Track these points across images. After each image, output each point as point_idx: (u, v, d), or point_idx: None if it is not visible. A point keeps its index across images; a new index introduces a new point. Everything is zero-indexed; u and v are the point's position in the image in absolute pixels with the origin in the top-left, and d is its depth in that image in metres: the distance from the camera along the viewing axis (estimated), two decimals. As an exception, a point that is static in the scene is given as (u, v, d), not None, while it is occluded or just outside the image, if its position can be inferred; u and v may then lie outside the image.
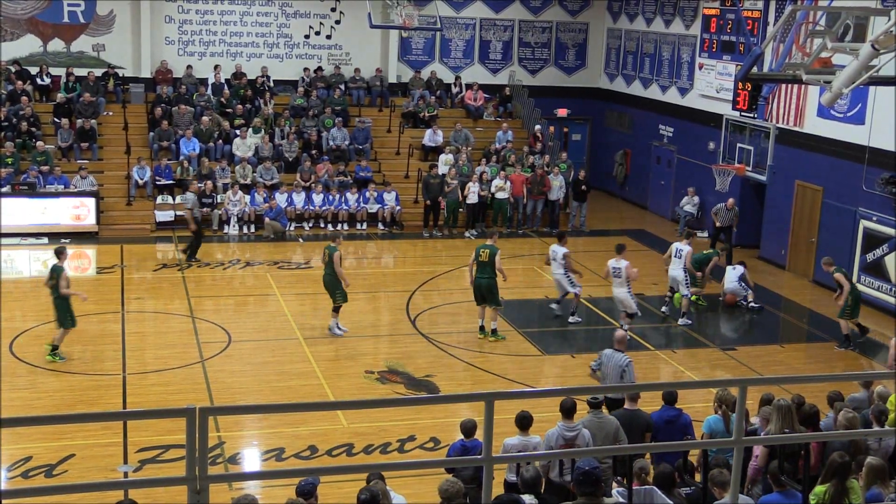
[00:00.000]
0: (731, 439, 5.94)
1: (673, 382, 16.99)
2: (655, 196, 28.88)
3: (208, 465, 5.39)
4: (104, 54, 27.72)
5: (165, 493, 10.23)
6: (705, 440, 10.47)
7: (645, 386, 14.79)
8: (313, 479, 8.78)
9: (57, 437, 12.70)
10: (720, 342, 18.35)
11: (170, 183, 24.81)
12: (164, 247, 23.24)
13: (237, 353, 16.54)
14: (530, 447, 10.06)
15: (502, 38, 30.98)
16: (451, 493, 8.45)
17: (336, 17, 29.23)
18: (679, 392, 11.37)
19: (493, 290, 17.33)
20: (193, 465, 5.23)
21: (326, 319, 17.56)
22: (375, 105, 29.08)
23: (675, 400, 11.03)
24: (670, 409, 10.93)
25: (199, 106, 26.94)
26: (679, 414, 10.92)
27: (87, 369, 15.55)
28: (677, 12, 27.82)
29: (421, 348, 17.12)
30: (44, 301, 18.85)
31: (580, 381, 15.83)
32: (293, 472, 10.96)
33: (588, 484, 6.87)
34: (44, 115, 26.01)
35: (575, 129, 31.91)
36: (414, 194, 26.25)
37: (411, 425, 13.70)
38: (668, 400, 11.04)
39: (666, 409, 10.95)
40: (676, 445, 10.07)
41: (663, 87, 28.59)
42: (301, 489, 8.64)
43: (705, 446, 9.66)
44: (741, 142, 24.21)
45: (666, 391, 11.10)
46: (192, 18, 28.36)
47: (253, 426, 13.74)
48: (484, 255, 17.21)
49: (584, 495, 7.03)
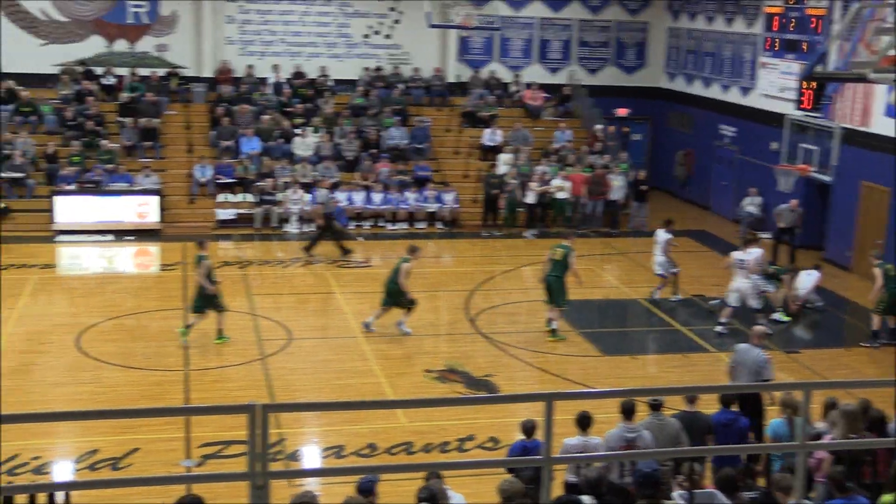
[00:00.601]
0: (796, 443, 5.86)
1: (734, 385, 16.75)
2: (717, 196, 28.57)
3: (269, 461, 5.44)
4: (167, 54, 28.13)
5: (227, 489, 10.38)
6: (768, 444, 10.33)
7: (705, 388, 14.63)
8: (373, 476, 8.82)
9: (122, 431, 12.91)
10: (783, 345, 18.09)
11: (231, 181, 25.10)
12: (226, 245, 23.50)
13: (297, 351, 16.67)
14: (590, 448, 10.01)
15: (561, 37, 30.85)
16: (511, 492, 8.42)
17: (395, 16, 29.34)
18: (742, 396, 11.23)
19: (556, 289, 17.24)
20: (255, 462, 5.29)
21: (385, 318, 17.61)
22: (434, 104, 29.13)
23: (733, 402, 10.88)
24: (727, 413, 10.77)
25: (260, 105, 27.20)
26: (736, 417, 10.74)
27: (150, 365, 15.78)
28: (739, 10, 27.48)
29: (480, 348, 17.11)
30: (107, 297, 19.24)
31: (640, 382, 15.73)
32: (353, 469, 11.04)
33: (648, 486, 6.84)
34: (108, 114, 26.46)
35: (635, 128, 31.67)
36: (473, 194, 26.25)
37: (470, 425, 13.70)
38: (725, 402, 10.89)
39: (723, 413, 10.80)
40: (740, 449, 9.96)
41: (725, 86, 28.27)
42: (361, 487, 8.67)
43: (768, 450, 9.55)
44: (805, 142, 23.83)
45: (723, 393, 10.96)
46: (252, 18, 28.64)
47: (313, 423, 13.84)
48: (557, 253, 17.13)
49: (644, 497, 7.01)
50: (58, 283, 20.62)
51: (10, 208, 23.57)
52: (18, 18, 27.15)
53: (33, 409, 13.84)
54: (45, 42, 27.39)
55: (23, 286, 19.43)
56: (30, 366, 15.69)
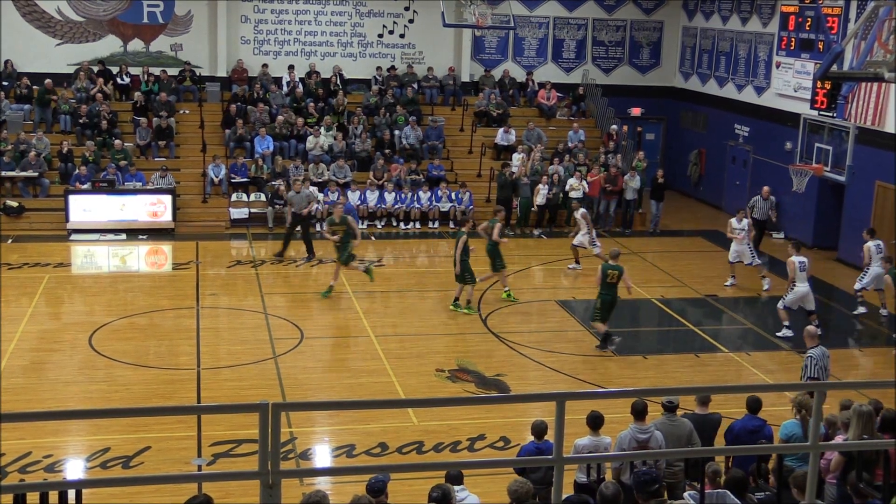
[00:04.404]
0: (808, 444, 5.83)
1: (748, 385, 16.68)
2: (730, 196, 28.46)
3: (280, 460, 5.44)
4: (182, 54, 28.21)
5: (238, 487, 10.40)
6: (780, 444, 10.27)
7: (718, 389, 14.59)
8: (384, 476, 8.81)
9: (134, 429, 12.95)
10: (795, 345, 17.99)
11: (244, 181, 25.15)
12: (239, 244, 23.54)
13: (309, 350, 16.70)
14: (601, 448, 9.99)
15: (576, 36, 30.80)
16: (521, 493, 8.42)
17: (409, 16, 29.35)
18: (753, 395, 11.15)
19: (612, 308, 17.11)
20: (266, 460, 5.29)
21: (397, 317, 17.63)
22: (448, 104, 29.13)
23: (759, 408, 10.71)
24: (754, 419, 10.57)
25: (274, 105, 27.25)
26: (763, 425, 10.52)
27: (162, 363, 15.82)
28: (754, 10, 27.38)
29: (492, 347, 17.09)
30: (120, 295, 19.30)
31: (651, 382, 15.68)
32: (364, 468, 11.03)
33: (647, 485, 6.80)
34: (123, 113, 26.56)
35: (649, 128, 31.59)
36: (486, 193, 26.23)
37: (481, 424, 13.68)
38: (752, 408, 10.70)
39: (749, 419, 10.59)
40: (751, 449, 9.90)
41: (739, 85, 28.17)
42: (371, 486, 8.66)
43: (780, 451, 9.47)
44: (819, 141, 23.70)
45: (750, 399, 10.78)
46: (267, 18, 28.70)
47: (324, 422, 13.85)
48: (612, 275, 16.88)
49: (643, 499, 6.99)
50: (71, 282, 20.70)
51: (25, 207, 23.69)
52: (34, 18, 27.27)
53: (46, 406, 13.92)
54: (61, 41, 27.51)
55: (37, 285, 19.51)
56: (43, 364, 15.75)
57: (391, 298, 19.87)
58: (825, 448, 8.65)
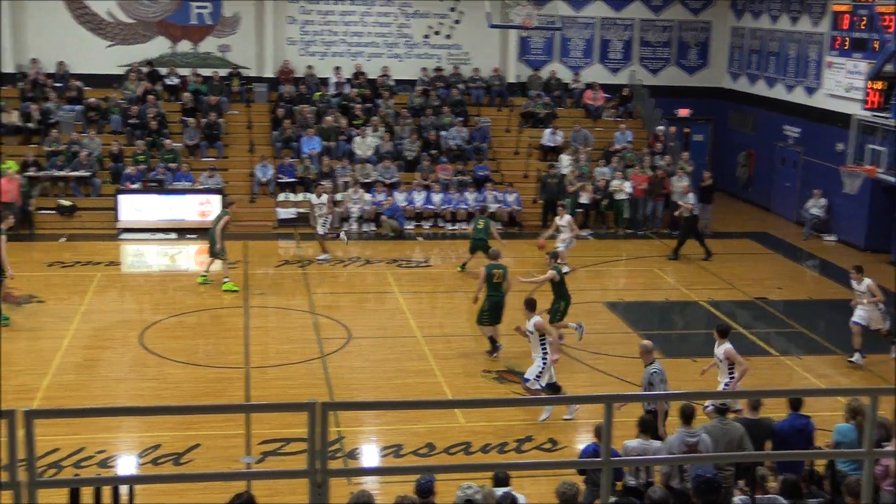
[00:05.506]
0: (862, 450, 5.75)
1: (800, 390, 16.47)
2: (779, 198, 28.16)
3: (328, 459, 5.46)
4: (229, 55, 28.44)
5: (287, 486, 10.47)
6: (833, 450, 10.14)
7: (770, 392, 14.42)
8: (431, 476, 8.81)
9: (184, 426, 13.06)
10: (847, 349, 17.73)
11: (292, 181, 25.29)
12: (286, 244, 23.67)
13: (357, 350, 16.75)
14: (650, 451, 9.92)
15: (623, 37, 30.63)
16: (569, 496, 8.38)
17: (455, 16, 29.35)
18: (807, 400, 11.03)
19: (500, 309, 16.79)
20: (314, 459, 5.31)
21: (444, 318, 17.63)
22: (494, 105, 29.09)
23: (801, 405, 10.67)
24: (800, 417, 10.55)
25: (321, 105, 27.38)
26: (808, 422, 10.54)
27: (211, 362, 15.96)
28: (805, 9, 27.06)
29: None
30: (170, 294, 19.49)
31: (699, 385, 15.52)
32: (411, 468, 11.04)
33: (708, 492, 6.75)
34: (172, 114, 26.82)
35: (696, 129, 31.33)
36: (532, 194, 26.17)
37: (529, 426, 13.65)
38: (795, 406, 10.68)
39: (795, 417, 10.57)
40: (805, 455, 9.79)
41: (789, 86, 27.85)
42: (420, 487, 8.67)
43: (834, 456, 9.36)
44: (872, 142, 23.37)
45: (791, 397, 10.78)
46: (313, 19, 28.84)
47: (372, 422, 13.89)
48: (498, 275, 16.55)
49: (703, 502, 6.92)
50: (122, 280, 20.94)
51: (77, 206, 24.01)
52: (86, 21, 27.64)
53: (98, 403, 14.08)
54: (112, 43, 27.85)
55: (88, 283, 19.77)
56: (95, 361, 15.96)
57: (438, 299, 19.89)
58: (880, 455, 8.52)
